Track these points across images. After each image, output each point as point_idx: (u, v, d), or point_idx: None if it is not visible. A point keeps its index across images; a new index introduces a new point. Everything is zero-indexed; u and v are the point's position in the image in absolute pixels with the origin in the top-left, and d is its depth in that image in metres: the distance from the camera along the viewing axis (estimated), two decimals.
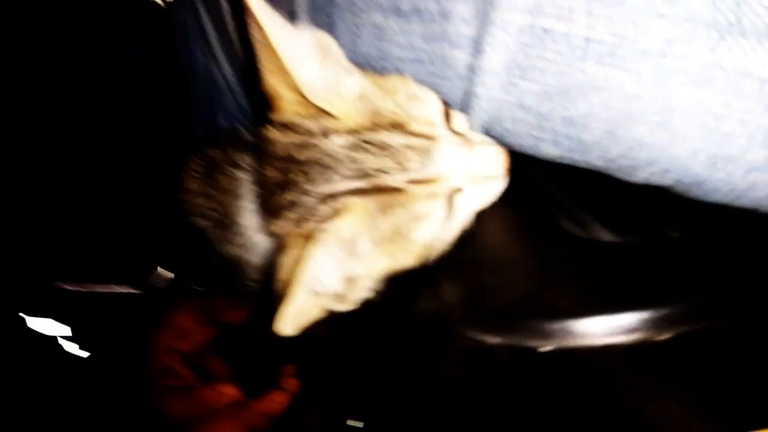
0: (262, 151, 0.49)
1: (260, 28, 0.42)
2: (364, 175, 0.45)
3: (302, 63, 0.45)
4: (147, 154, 0.80)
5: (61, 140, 0.72)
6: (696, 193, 0.43)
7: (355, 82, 0.47)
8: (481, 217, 0.49)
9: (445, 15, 0.43)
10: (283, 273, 0.45)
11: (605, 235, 0.44)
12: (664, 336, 0.35)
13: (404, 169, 0.45)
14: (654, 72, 0.39)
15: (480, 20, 0.42)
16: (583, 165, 0.46)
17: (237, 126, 0.66)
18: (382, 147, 0.45)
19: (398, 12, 0.46)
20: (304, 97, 0.45)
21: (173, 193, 0.71)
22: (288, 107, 0.47)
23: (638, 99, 0.40)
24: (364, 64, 0.50)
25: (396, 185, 0.45)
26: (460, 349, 0.41)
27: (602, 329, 0.37)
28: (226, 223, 0.63)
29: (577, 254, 0.43)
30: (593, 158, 0.44)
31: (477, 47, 0.43)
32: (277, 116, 0.48)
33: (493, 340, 0.40)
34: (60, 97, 0.70)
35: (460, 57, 0.44)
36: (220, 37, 0.67)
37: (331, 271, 0.46)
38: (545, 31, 0.40)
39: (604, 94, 0.41)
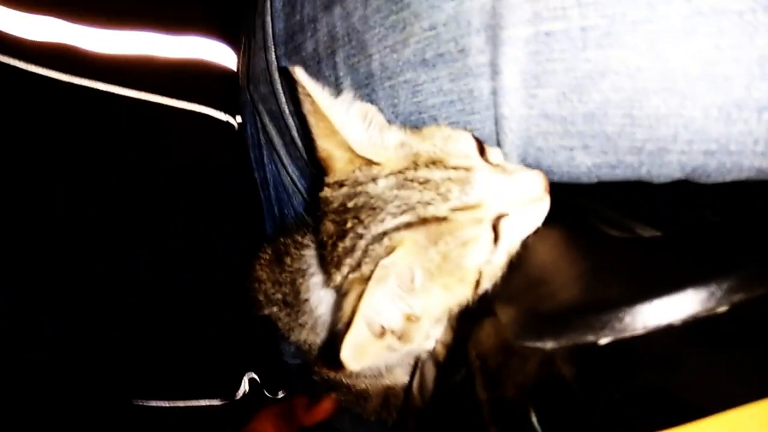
0: (320, 212, 0.53)
1: (311, 99, 0.49)
2: (410, 208, 0.48)
3: (349, 122, 0.51)
4: (223, 261, 0.84)
5: (144, 251, 0.77)
6: (727, 166, 0.43)
7: (395, 133, 0.52)
8: (529, 240, 0.49)
9: (462, 50, 0.49)
10: (345, 312, 0.46)
11: (648, 233, 0.43)
12: (722, 308, 0.33)
13: (446, 199, 0.47)
14: (646, 39, 0.41)
15: (492, 44, 0.46)
16: (619, 174, 0.46)
17: (302, 214, 0.72)
18: (424, 182, 0.48)
19: (425, 63, 0.51)
20: (352, 152, 0.50)
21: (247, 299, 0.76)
22: (339, 166, 0.52)
23: (641, 70, 0.42)
24: (404, 123, 0.56)
25: (440, 214, 0.47)
26: (519, 363, 0.40)
27: (658, 311, 0.35)
28: (293, 303, 0.66)
29: (624, 250, 0.42)
30: (625, 155, 0.45)
31: (494, 69, 0.47)
32: (330, 178, 0.53)
33: (550, 344, 0.38)
34: (148, 210, 0.76)
35: (484, 86, 0.49)
36: (284, 141, 0.75)
37: (391, 306, 0.47)
38: (547, 34, 0.44)
39: (611, 77, 0.43)
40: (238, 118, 0.87)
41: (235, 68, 0.85)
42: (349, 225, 0.50)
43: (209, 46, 0.81)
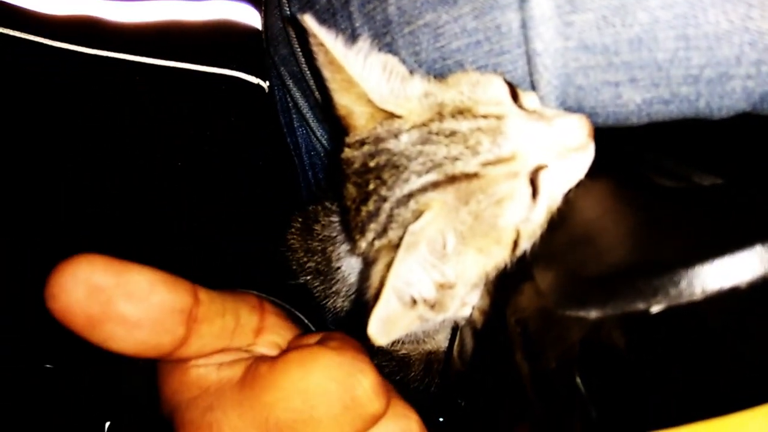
0: (342, 175, 0.50)
1: (325, 49, 0.45)
2: (436, 165, 0.43)
3: (367, 73, 0.46)
4: (261, 231, 0.81)
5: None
6: None
7: (418, 83, 0.48)
8: (571, 194, 0.44)
9: None
10: (373, 282, 0.43)
11: (708, 181, 0.37)
12: None
13: (476, 153, 0.43)
14: None
15: None
16: (673, 110, 0.40)
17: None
18: (451, 134, 0.43)
19: (445, 1, 0.46)
20: (372, 105, 0.46)
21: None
22: (360, 123, 0.48)
23: None
24: (428, 72, 0.51)
25: (470, 170, 0.43)
26: (562, 332, 0.35)
27: (720, 273, 0.30)
28: (325, 271, 0.64)
29: (679, 203, 0.36)
30: (680, 86, 0.39)
31: None
32: (351, 137, 0.49)
33: (594, 313, 0.34)
34: (182, 181, 0.74)
35: (512, 18, 0.43)
36: (309, 104, 0.72)
37: (422, 275, 0.43)
38: None
39: None
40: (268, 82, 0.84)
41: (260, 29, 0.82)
42: (371, 186, 0.46)
43: (235, 8, 0.78)
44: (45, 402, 0.62)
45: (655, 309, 0.31)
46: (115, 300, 0.30)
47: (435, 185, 0.44)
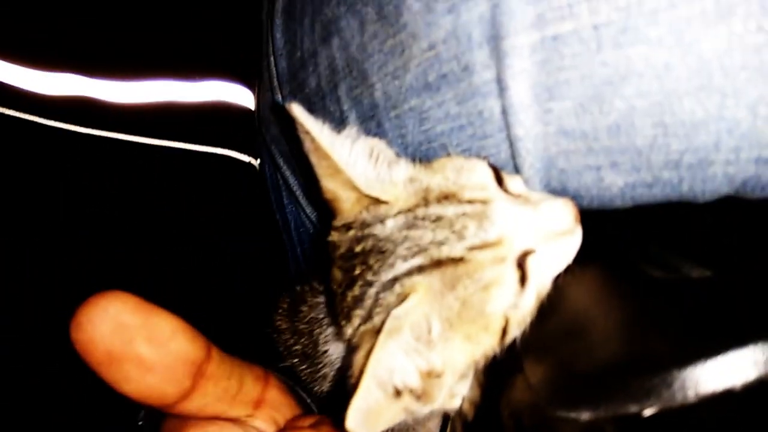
0: (329, 259, 0.49)
1: (310, 137, 0.45)
2: (422, 250, 0.42)
3: (353, 159, 0.46)
4: (248, 307, 0.80)
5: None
6: None
7: (404, 168, 0.48)
8: (560, 280, 0.43)
9: (466, 68, 0.44)
10: (354, 371, 0.41)
11: (697, 272, 0.36)
12: None
13: (462, 237, 0.42)
14: (672, 29, 0.35)
15: (496, 58, 0.41)
16: (657, 194, 0.39)
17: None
18: (436, 219, 0.43)
19: (429, 87, 0.47)
20: (358, 191, 0.46)
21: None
22: (347, 207, 0.48)
23: (669, 69, 0.35)
24: (414, 155, 0.51)
25: (456, 255, 0.42)
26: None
27: (713, 372, 0.28)
28: (312, 354, 0.62)
29: (671, 296, 0.35)
30: (661, 171, 0.38)
31: (501, 86, 0.41)
32: (338, 221, 0.48)
33: (587, 415, 0.32)
34: (173, 257, 0.74)
35: (493, 105, 0.43)
36: (299, 182, 0.72)
37: (405, 362, 0.41)
38: (554, 38, 0.38)
39: (635, 80, 0.37)
40: (260, 160, 0.85)
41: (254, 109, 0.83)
42: (357, 272, 0.45)
43: (229, 89, 0.80)
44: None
45: (648, 412, 0.30)
46: (137, 340, 0.31)
47: (420, 269, 0.42)
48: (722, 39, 0.34)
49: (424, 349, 0.42)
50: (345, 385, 0.51)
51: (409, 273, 0.43)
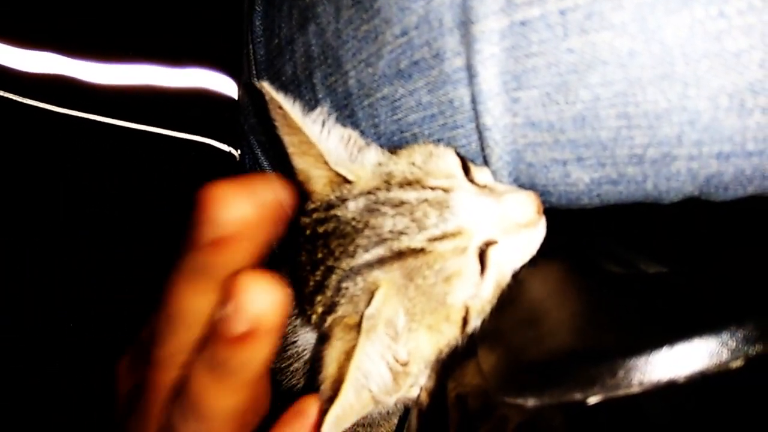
0: (297, 242, 0.49)
1: (283, 112, 0.44)
2: (383, 240, 0.42)
3: (326, 136, 0.46)
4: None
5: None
6: (747, 173, 0.35)
7: (373, 153, 0.47)
8: (522, 272, 0.42)
9: (437, 55, 0.43)
10: (328, 369, 0.40)
11: (653, 269, 0.36)
12: (736, 363, 0.26)
13: (422, 227, 0.41)
14: (636, 15, 0.34)
15: (466, 44, 0.41)
16: (623, 191, 0.39)
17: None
18: (398, 204, 0.42)
19: (401, 74, 0.46)
20: (329, 169, 0.45)
21: None
22: (318, 188, 0.47)
23: (633, 56, 0.35)
24: (387, 144, 0.51)
25: (417, 246, 0.41)
26: (501, 418, 0.33)
27: (658, 363, 0.28)
28: (283, 344, 0.61)
29: (624, 290, 0.35)
30: (626, 166, 0.38)
31: (471, 72, 0.41)
32: (307, 204, 0.48)
33: (532, 401, 0.31)
34: (146, 243, 0.73)
35: (464, 93, 0.43)
36: (275, 172, 0.71)
37: (380, 362, 0.41)
38: (523, 23, 0.38)
39: (600, 68, 0.36)
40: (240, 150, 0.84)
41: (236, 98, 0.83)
42: (319, 255, 0.44)
43: (212, 77, 0.79)
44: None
45: (593, 400, 0.29)
46: None
47: (381, 261, 0.42)
48: (685, 25, 0.34)
49: (393, 343, 0.42)
50: (313, 376, 0.51)
51: (371, 265, 0.42)
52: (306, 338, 0.57)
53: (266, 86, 0.43)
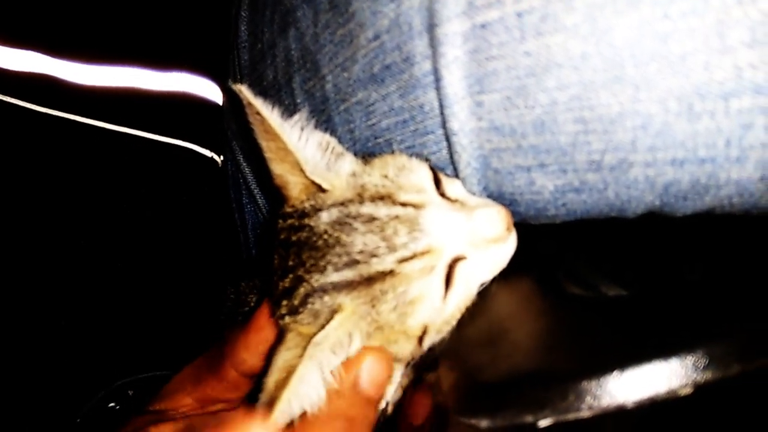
0: (273, 244, 0.48)
1: (261, 117, 0.43)
2: (353, 261, 0.41)
3: (303, 143, 0.45)
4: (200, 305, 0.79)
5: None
6: (702, 181, 0.35)
7: (349, 162, 0.47)
8: (493, 288, 0.42)
9: (407, 59, 0.43)
10: (270, 380, 0.40)
11: (613, 291, 0.35)
12: (685, 390, 0.25)
13: (392, 248, 0.41)
14: (587, 16, 0.34)
15: (432, 48, 0.40)
16: (586, 200, 0.39)
17: None
18: (368, 221, 0.42)
19: (374, 79, 0.46)
20: (304, 176, 0.45)
21: None
22: (294, 194, 0.47)
23: (585, 59, 0.35)
24: (362, 151, 0.50)
25: (386, 269, 0.40)
26: None
27: (607, 390, 0.27)
28: None
29: (583, 314, 0.34)
30: (586, 173, 0.38)
31: (436, 75, 0.41)
32: (284, 209, 0.47)
33: (485, 423, 0.31)
34: (125, 245, 0.73)
35: (433, 98, 0.43)
36: (257, 179, 0.71)
37: (320, 383, 0.40)
38: (483, 26, 0.37)
39: (555, 71, 0.36)
40: (223, 156, 0.83)
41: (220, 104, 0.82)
42: (290, 263, 0.44)
43: (196, 82, 0.79)
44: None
45: (543, 423, 0.29)
46: None
47: (350, 286, 0.41)
48: (633, 27, 0.33)
49: (337, 359, 0.41)
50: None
51: (338, 288, 0.42)
52: None
53: (244, 90, 0.43)
